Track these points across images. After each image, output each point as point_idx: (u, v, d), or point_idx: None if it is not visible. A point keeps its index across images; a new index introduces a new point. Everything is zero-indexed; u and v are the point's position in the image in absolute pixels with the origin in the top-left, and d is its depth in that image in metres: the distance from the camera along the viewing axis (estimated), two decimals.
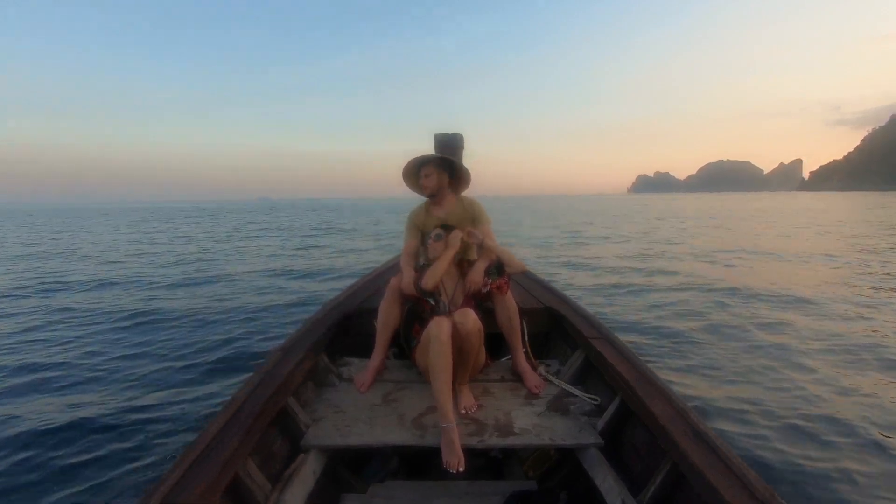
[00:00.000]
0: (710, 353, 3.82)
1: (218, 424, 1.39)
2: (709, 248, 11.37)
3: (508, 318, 2.11)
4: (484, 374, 2.15)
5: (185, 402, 3.03)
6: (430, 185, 2.28)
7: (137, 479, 2.21)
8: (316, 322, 2.33)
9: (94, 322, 5.12)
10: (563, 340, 2.44)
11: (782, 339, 4.16)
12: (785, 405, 2.87)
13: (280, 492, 1.44)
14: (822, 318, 4.85)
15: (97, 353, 4.08)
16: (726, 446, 1.26)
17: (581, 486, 1.64)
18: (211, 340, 4.36)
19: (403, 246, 2.38)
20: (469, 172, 2.34)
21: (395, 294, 2.13)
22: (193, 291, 6.90)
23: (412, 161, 2.29)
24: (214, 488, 1.19)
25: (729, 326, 4.58)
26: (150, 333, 4.65)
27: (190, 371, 3.58)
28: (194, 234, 19.05)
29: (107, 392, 3.23)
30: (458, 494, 1.60)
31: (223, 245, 14.03)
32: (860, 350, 3.85)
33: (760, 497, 1.08)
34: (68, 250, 12.90)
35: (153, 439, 2.57)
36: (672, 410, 1.46)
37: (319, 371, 2.11)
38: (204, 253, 11.99)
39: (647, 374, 1.71)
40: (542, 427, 1.73)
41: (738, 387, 3.15)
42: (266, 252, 12.02)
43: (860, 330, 4.45)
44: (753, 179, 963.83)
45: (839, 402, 2.91)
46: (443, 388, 1.67)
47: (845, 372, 3.41)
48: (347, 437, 1.68)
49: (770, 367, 3.50)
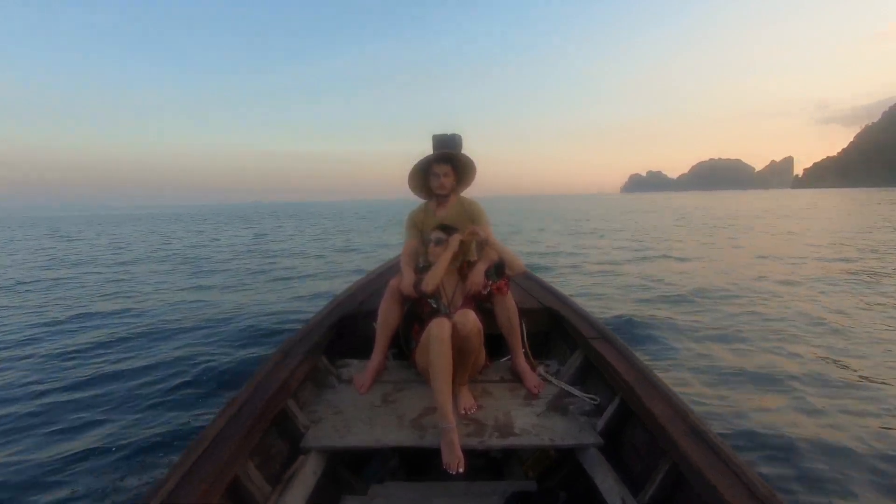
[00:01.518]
0: (710, 354, 3.82)
1: (218, 426, 1.39)
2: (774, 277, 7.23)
3: (508, 318, 2.11)
4: (483, 374, 2.15)
5: (185, 403, 3.03)
6: (448, 183, 2.27)
7: (137, 481, 2.21)
8: (315, 323, 2.33)
9: (90, 324, 5.12)
10: (563, 341, 2.44)
11: (784, 337, 4.17)
12: (785, 405, 2.87)
13: (280, 493, 1.44)
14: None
15: (91, 353, 4.08)
16: (726, 446, 1.27)
17: (581, 486, 1.64)
18: (211, 341, 4.36)
19: (403, 246, 2.38)
20: (474, 170, 2.35)
21: (395, 295, 2.13)
22: (191, 295, 6.89)
23: (425, 159, 2.27)
24: (214, 490, 1.19)
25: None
26: (149, 340, 4.65)
27: (190, 371, 3.58)
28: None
29: (107, 392, 3.22)
30: (458, 495, 1.60)
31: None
32: (861, 350, 3.85)
33: (760, 497, 1.08)
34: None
35: (152, 440, 2.57)
36: (671, 410, 1.46)
37: (319, 372, 2.11)
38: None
39: (646, 374, 1.71)
40: (542, 427, 1.73)
41: (738, 386, 3.16)
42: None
43: (868, 330, 4.45)
44: (745, 177, 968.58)
45: (840, 402, 2.91)
46: (443, 389, 1.67)
47: (847, 372, 3.41)
48: (347, 438, 1.68)
49: (771, 367, 3.51)
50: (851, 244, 11.20)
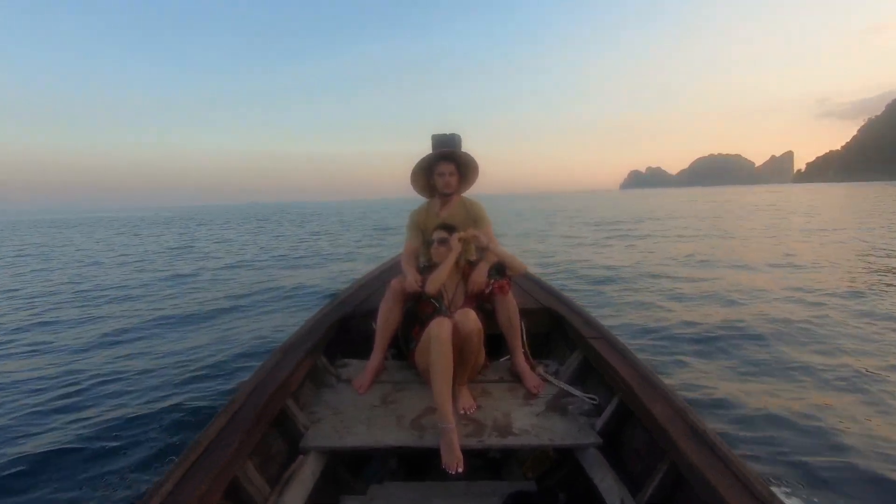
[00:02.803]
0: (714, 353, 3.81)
1: (217, 426, 1.39)
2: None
3: (508, 318, 2.11)
4: (483, 374, 2.15)
5: (185, 405, 3.02)
6: (454, 183, 2.28)
7: (137, 481, 2.20)
8: (315, 323, 2.33)
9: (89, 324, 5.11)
10: (562, 341, 2.44)
11: (788, 341, 4.15)
12: (785, 405, 2.87)
13: (279, 493, 1.44)
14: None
15: (91, 352, 4.07)
16: (725, 446, 1.26)
17: (580, 486, 1.64)
18: (210, 342, 4.36)
19: (404, 246, 2.38)
20: (477, 169, 2.35)
21: (396, 295, 2.12)
22: (189, 297, 6.87)
23: (427, 157, 2.27)
24: (214, 490, 1.18)
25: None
26: (149, 336, 4.64)
27: (189, 373, 3.57)
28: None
29: (107, 392, 3.22)
30: (458, 495, 1.60)
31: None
32: (864, 350, 3.85)
33: (760, 497, 1.08)
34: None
35: (152, 441, 2.56)
36: (671, 410, 1.46)
37: (318, 372, 2.11)
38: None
39: (646, 374, 1.71)
40: (541, 427, 1.72)
41: (738, 387, 3.15)
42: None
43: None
44: (745, 173, 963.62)
45: (840, 403, 2.91)
46: (442, 389, 1.66)
47: (848, 372, 3.40)
48: (346, 438, 1.68)
49: (771, 366, 3.50)
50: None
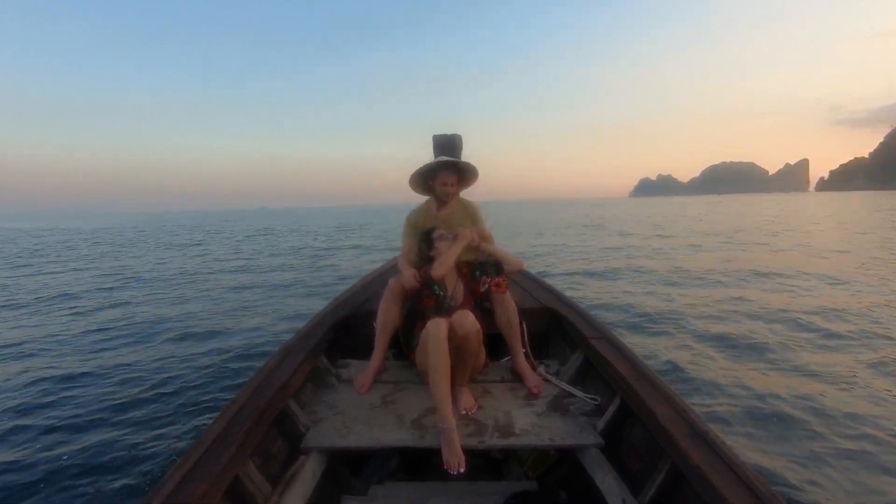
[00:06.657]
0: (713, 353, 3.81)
1: (218, 426, 1.39)
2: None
3: (508, 318, 2.11)
4: (483, 374, 2.15)
5: (186, 405, 3.03)
6: (454, 192, 2.33)
7: (138, 481, 2.21)
8: (315, 323, 2.33)
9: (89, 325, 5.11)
10: (563, 340, 2.44)
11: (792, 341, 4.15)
12: (786, 405, 2.87)
13: (280, 493, 1.44)
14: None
15: (90, 353, 4.07)
16: (726, 446, 1.26)
17: (581, 486, 1.64)
18: (210, 342, 4.36)
19: (402, 247, 2.38)
20: (477, 174, 2.37)
21: (395, 295, 2.12)
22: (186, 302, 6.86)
23: (424, 168, 2.30)
24: (215, 490, 1.18)
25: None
26: (149, 336, 4.64)
27: (189, 373, 3.58)
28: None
29: (106, 393, 3.22)
30: (458, 495, 1.60)
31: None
32: (866, 349, 3.85)
33: (761, 497, 1.07)
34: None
35: (153, 441, 2.57)
36: (672, 410, 1.46)
37: (319, 372, 2.11)
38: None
39: (646, 374, 1.70)
40: (542, 427, 1.72)
41: (738, 385, 3.16)
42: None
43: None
44: (758, 181, 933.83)
45: (840, 403, 2.91)
46: (442, 389, 1.67)
47: (849, 371, 3.41)
48: (347, 438, 1.68)
49: (772, 365, 3.50)
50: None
